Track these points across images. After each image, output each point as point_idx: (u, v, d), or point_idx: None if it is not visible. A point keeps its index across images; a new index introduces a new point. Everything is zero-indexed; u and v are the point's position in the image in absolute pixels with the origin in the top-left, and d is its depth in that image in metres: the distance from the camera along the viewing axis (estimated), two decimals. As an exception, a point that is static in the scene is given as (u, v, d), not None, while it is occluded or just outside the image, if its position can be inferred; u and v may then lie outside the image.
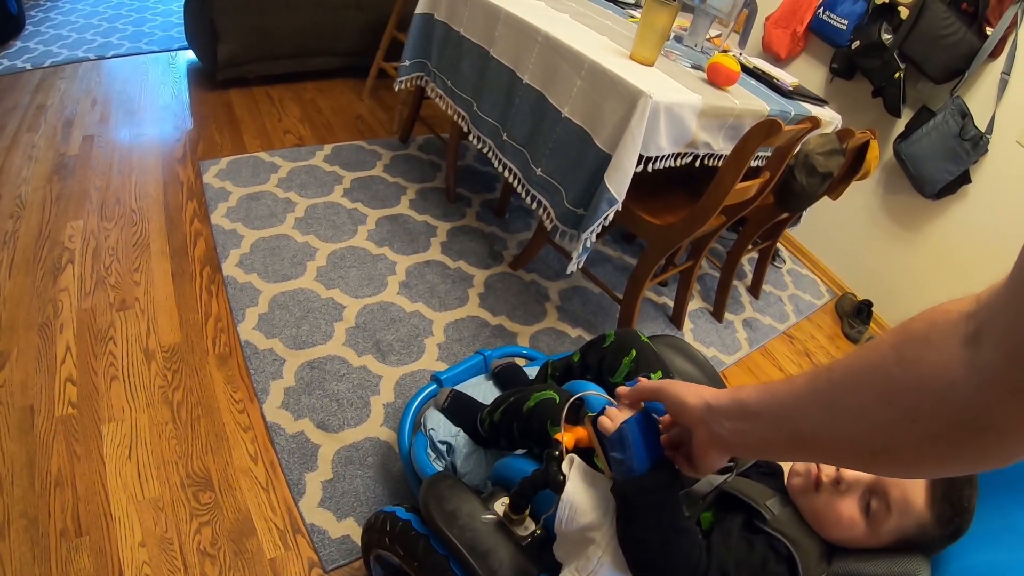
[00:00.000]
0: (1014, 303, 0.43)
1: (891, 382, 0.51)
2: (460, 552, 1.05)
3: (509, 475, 1.17)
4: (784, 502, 0.99)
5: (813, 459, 0.73)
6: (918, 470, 0.58)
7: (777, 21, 3.27)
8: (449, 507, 1.10)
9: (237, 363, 1.87)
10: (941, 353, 0.48)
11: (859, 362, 0.56)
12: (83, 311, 1.90)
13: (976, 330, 0.46)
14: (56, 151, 2.58)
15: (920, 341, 0.50)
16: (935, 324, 0.50)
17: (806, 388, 0.61)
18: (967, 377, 0.45)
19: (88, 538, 1.40)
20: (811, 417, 0.59)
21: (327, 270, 2.27)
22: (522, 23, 2.00)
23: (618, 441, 0.86)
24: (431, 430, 1.41)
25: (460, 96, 2.34)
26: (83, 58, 3.35)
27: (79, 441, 1.58)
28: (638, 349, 1.32)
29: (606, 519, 0.92)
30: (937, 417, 0.48)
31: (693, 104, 1.82)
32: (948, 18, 2.53)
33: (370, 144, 3.09)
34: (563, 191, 1.96)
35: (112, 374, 1.75)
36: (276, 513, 1.54)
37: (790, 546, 0.91)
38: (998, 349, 0.43)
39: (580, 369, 1.40)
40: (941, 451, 0.50)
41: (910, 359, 0.50)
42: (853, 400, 0.55)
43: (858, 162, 2.35)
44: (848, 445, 0.57)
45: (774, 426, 0.64)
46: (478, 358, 1.68)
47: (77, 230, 2.19)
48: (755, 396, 0.67)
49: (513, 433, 1.26)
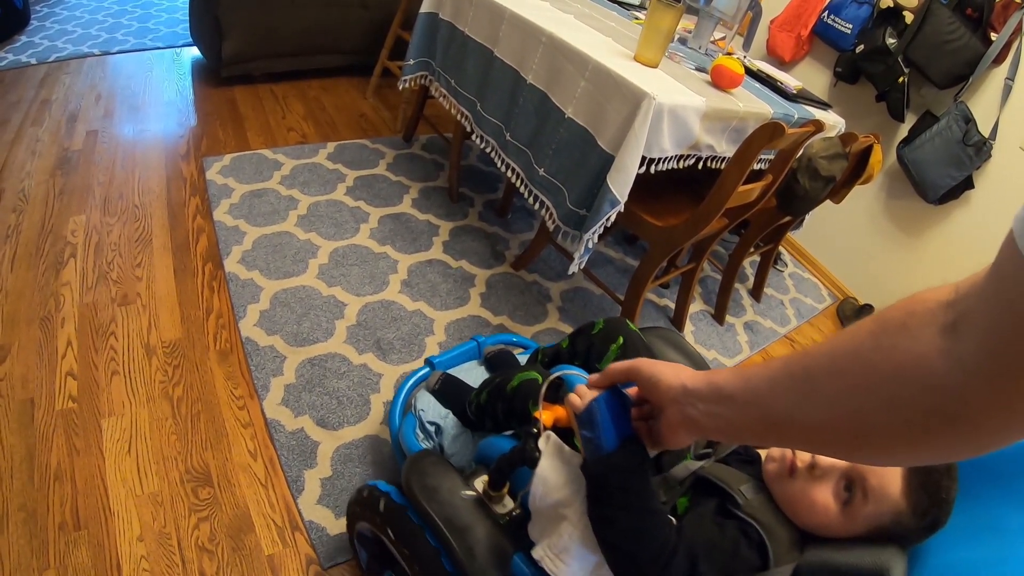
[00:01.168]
0: (995, 293, 0.43)
1: (867, 369, 0.51)
2: (438, 527, 1.06)
3: (491, 454, 1.18)
4: (759, 488, 0.99)
5: (786, 444, 0.73)
6: (892, 457, 0.59)
7: (782, 24, 3.26)
8: (430, 482, 1.11)
9: (238, 359, 1.87)
10: (918, 341, 0.48)
11: (836, 348, 0.55)
12: (85, 306, 1.91)
13: (955, 319, 0.46)
14: (60, 146, 2.58)
15: (898, 329, 0.50)
16: (913, 312, 0.49)
17: (781, 373, 0.60)
18: (944, 366, 0.45)
19: (87, 532, 1.40)
20: (785, 402, 0.59)
21: (329, 268, 2.27)
22: (526, 23, 2.00)
23: (587, 419, 0.85)
24: (420, 411, 1.43)
25: (464, 96, 2.34)
26: (88, 53, 3.36)
27: (79, 435, 1.58)
28: (626, 337, 1.33)
29: (578, 496, 0.91)
30: (913, 405, 0.48)
31: (696, 106, 1.81)
32: (952, 23, 2.53)
33: (373, 143, 3.09)
34: (566, 192, 1.96)
35: (113, 369, 1.76)
36: (275, 510, 1.54)
37: (761, 531, 0.90)
38: (977, 339, 0.43)
39: (569, 355, 1.41)
40: (916, 439, 0.49)
41: (887, 346, 0.50)
42: (828, 386, 0.55)
43: (861, 166, 2.35)
44: (822, 431, 0.56)
45: (748, 410, 0.64)
46: (472, 344, 1.69)
47: (80, 225, 2.19)
48: (730, 379, 0.66)
49: (497, 414, 1.27)
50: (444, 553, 1.09)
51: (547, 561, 0.91)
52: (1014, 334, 0.41)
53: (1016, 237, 0.40)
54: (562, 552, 0.91)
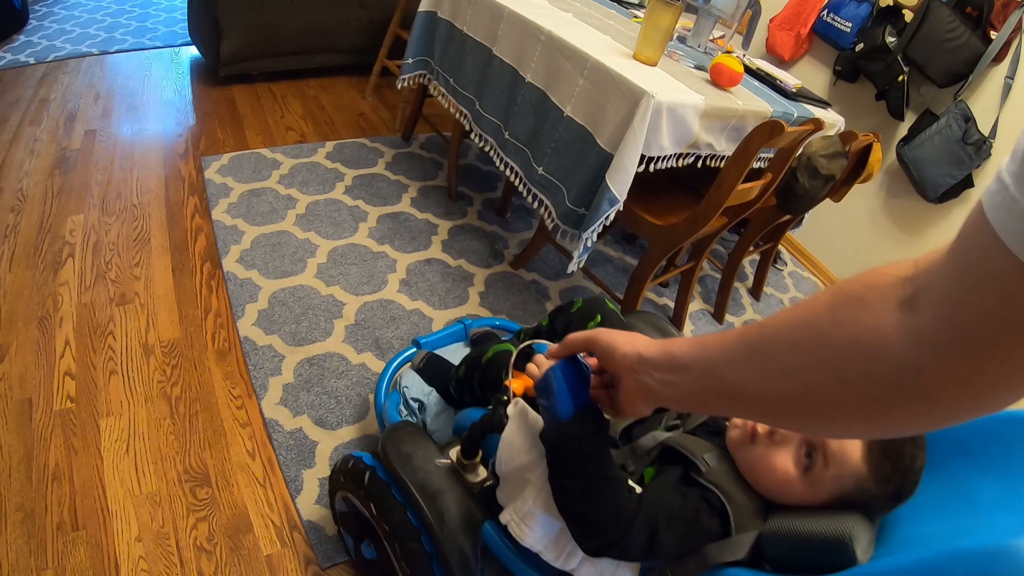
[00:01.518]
0: (955, 270, 0.43)
1: (823, 341, 0.51)
2: (410, 491, 1.07)
3: (465, 425, 1.20)
4: (722, 457, 0.99)
5: (742, 415, 0.72)
6: (848, 431, 0.59)
7: (781, 23, 3.26)
8: (405, 449, 1.13)
9: (236, 359, 1.87)
10: (875, 315, 0.47)
11: (792, 320, 0.55)
12: (83, 305, 1.90)
13: (913, 294, 0.46)
14: (58, 145, 2.58)
15: (855, 302, 0.49)
16: (872, 286, 0.49)
17: (737, 343, 0.60)
18: (901, 340, 0.45)
19: (85, 532, 1.40)
20: (741, 372, 0.59)
21: (327, 267, 2.27)
22: (525, 22, 2.00)
23: (543, 387, 0.86)
24: (405, 387, 1.45)
25: (462, 94, 2.34)
26: (86, 53, 3.36)
27: (77, 435, 1.58)
28: (604, 315, 1.35)
29: (541, 462, 0.92)
30: (868, 379, 0.48)
31: (696, 104, 1.81)
32: (952, 22, 2.52)
33: (372, 142, 3.09)
34: (564, 190, 1.95)
35: (111, 368, 1.75)
36: (273, 510, 1.54)
37: (722, 498, 0.90)
38: (934, 314, 0.43)
39: (548, 334, 1.43)
40: (870, 412, 0.49)
41: (844, 319, 0.50)
42: (784, 357, 0.54)
43: (861, 165, 2.35)
44: (777, 402, 0.56)
45: (703, 380, 0.64)
46: (459, 326, 1.72)
47: (78, 224, 2.19)
48: (686, 349, 0.66)
49: (474, 385, 1.29)
50: (425, 532, 1.10)
51: (513, 525, 0.94)
52: (973, 310, 0.40)
53: (986, 209, 0.39)
54: (527, 516, 0.93)
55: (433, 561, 1.10)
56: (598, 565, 0.96)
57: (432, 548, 1.10)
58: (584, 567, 0.96)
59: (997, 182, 0.39)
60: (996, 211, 0.38)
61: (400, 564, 1.14)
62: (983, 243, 0.39)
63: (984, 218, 0.39)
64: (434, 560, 1.10)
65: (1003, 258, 0.38)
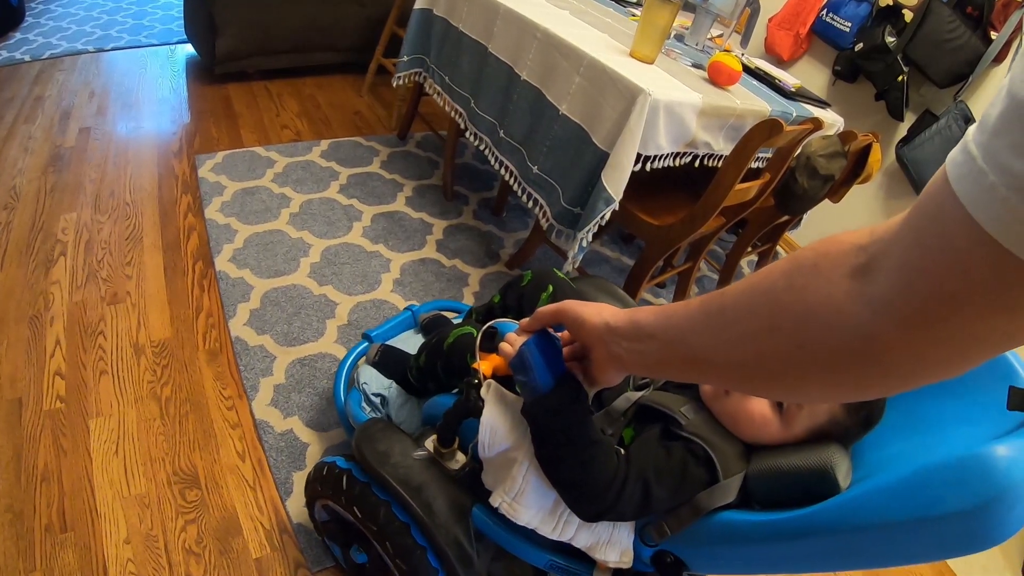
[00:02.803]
0: (913, 238, 0.42)
1: (779, 308, 0.52)
2: (395, 489, 1.08)
3: (437, 413, 1.19)
4: (699, 408, 1.00)
5: (706, 380, 0.75)
6: (804, 395, 0.61)
7: (780, 22, 3.24)
8: (381, 447, 1.13)
9: (227, 359, 1.85)
10: (829, 282, 0.48)
11: (750, 288, 0.56)
12: (74, 304, 1.89)
13: (867, 262, 0.46)
14: (52, 143, 2.57)
15: (810, 269, 0.50)
16: (826, 253, 0.50)
17: (699, 312, 0.61)
18: (853, 307, 0.46)
19: (73, 534, 1.39)
20: (703, 340, 0.60)
21: (321, 266, 2.25)
22: (521, 19, 1.98)
23: (519, 363, 0.87)
24: (364, 384, 1.44)
25: (458, 93, 2.32)
26: (82, 50, 3.34)
27: (66, 436, 1.57)
28: (555, 285, 1.37)
29: (526, 439, 0.93)
30: (822, 345, 0.48)
31: (693, 103, 1.79)
32: (953, 22, 2.51)
33: (368, 140, 3.07)
34: (560, 190, 1.94)
35: (101, 368, 1.74)
36: (263, 512, 1.52)
37: (707, 447, 0.92)
38: (888, 283, 0.44)
39: (501, 310, 1.45)
40: (825, 378, 0.50)
41: (799, 286, 0.50)
42: (742, 324, 0.56)
43: (860, 165, 2.33)
44: (738, 368, 0.58)
45: (668, 348, 0.65)
46: (407, 314, 1.73)
47: (70, 222, 2.17)
48: (652, 318, 0.68)
49: (438, 373, 1.29)
50: (414, 525, 1.10)
51: (505, 506, 0.94)
52: (928, 280, 0.41)
53: (952, 180, 0.39)
54: (519, 495, 0.93)
55: (428, 553, 1.10)
56: (595, 530, 0.98)
57: (425, 540, 1.10)
58: (581, 534, 0.97)
59: (964, 153, 0.38)
60: (962, 182, 0.38)
61: (394, 562, 1.14)
62: (944, 214, 0.39)
63: (948, 189, 0.39)
64: (428, 552, 1.10)
65: (965, 230, 0.37)
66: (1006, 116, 0.35)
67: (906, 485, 0.70)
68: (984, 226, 0.36)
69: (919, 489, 0.68)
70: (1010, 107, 0.35)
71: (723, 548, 0.91)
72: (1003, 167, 0.35)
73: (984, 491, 0.63)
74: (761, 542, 0.86)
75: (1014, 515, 0.63)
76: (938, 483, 0.67)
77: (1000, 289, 0.37)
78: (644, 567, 1.02)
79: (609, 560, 0.98)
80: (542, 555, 1.08)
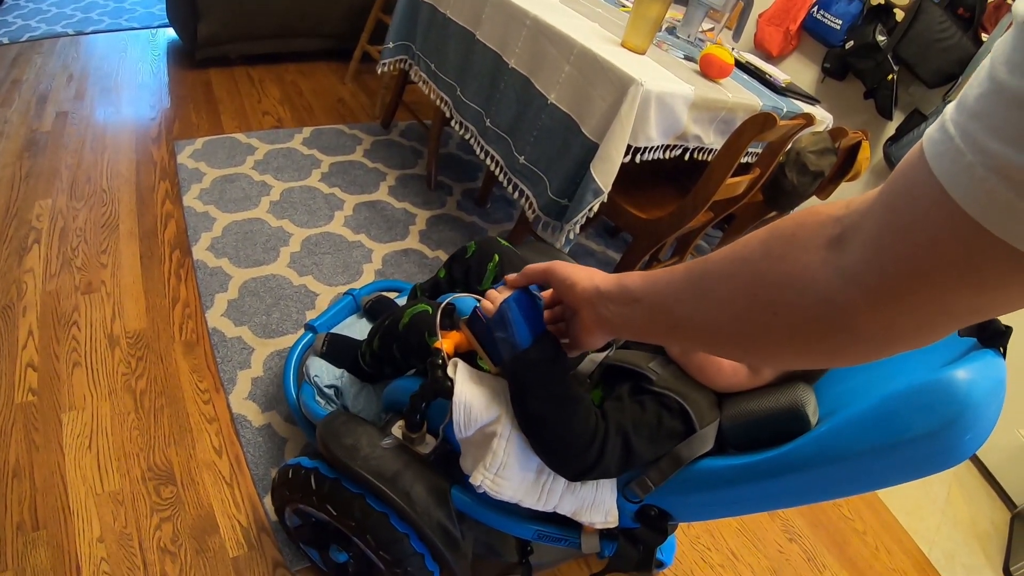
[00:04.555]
0: (886, 212, 0.44)
1: (757, 275, 0.54)
2: (369, 482, 1.06)
3: (399, 397, 1.19)
4: (667, 362, 1.02)
5: (687, 344, 0.78)
6: (778, 360, 0.66)
7: (770, 18, 3.23)
8: (348, 441, 1.11)
9: (204, 351, 1.80)
10: (805, 251, 0.50)
11: (731, 255, 0.58)
12: (47, 293, 1.83)
13: (842, 232, 0.48)
14: (28, 127, 2.50)
15: (787, 239, 0.52)
16: (804, 223, 0.52)
17: (682, 276, 0.64)
18: (827, 276, 0.47)
19: (45, 532, 1.34)
20: (685, 304, 0.63)
21: (301, 256, 2.20)
22: (510, 5, 1.94)
23: (499, 320, 0.88)
24: (315, 377, 1.41)
25: (444, 80, 2.28)
26: (62, 33, 3.27)
27: (38, 430, 1.51)
28: (500, 253, 1.38)
29: (502, 410, 0.94)
30: (796, 312, 0.51)
31: (685, 95, 1.77)
32: (944, 22, 2.51)
33: (351, 128, 3.02)
34: (547, 180, 1.90)
35: (74, 360, 1.68)
36: (240, 510, 1.48)
37: (680, 399, 0.94)
38: (860, 252, 0.45)
39: (447, 285, 1.45)
40: (798, 345, 0.53)
41: (776, 255, 0.53)
42: (722, 290, 0.58)
43: (849, 162, 2.32)
44: (715, 332, 0.60)
45: (653, 311, 0.68)
46: (347, 299, 1.71)
47: (45, 209, 2.11)
48: (639, 282, 0.71)
49: (395, 356, 1.27)
50: (392, 514, 1.09)
51: (488, 483, 0.93)
52: (900, 252, 0.42)
53: (929, 158, 0.40)
54: (501, 469, 0.93)
55: (411, 539, 1.09)
56: (578, 494, 0.99)
57: (406, 527, 1.08)
58: (565, 500, 0.99)
59: (941, 131, 0.39)
60: (939, 160, 0.39)
61: (378, 554, 1.11)
62: (919, 189, 0.40)
63: (923, 165, 0.40)
64: (412, 537, 1.09)
65: (940, 206, 0.39)
66: (985, 98, 0.36)
67: (876, 414, 0.75)
68: (960, 203, 0.37)
69: (888, 416, 0.73)
70: (990, 89, 0.36)
71: (706, 494, 0.94)
72: (981, 147, 0.36)
73: (948, 412, 0.68)
74: (742, 484, 0.90)
75: (974, 432, 0.68)
76: (906, 409, 0.72)
77: (970, 266, 0.39)
78: (630, 524, 1.05)
79: (595, 522, 1.00)
80: (528, 527, 1.10)
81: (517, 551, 1.22)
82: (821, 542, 1.96)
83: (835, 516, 2.07)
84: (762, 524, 1.93)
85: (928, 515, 2.28)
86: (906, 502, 2.25)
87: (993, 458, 2.64)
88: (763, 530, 1.91)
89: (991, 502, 2.55)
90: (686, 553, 1.76)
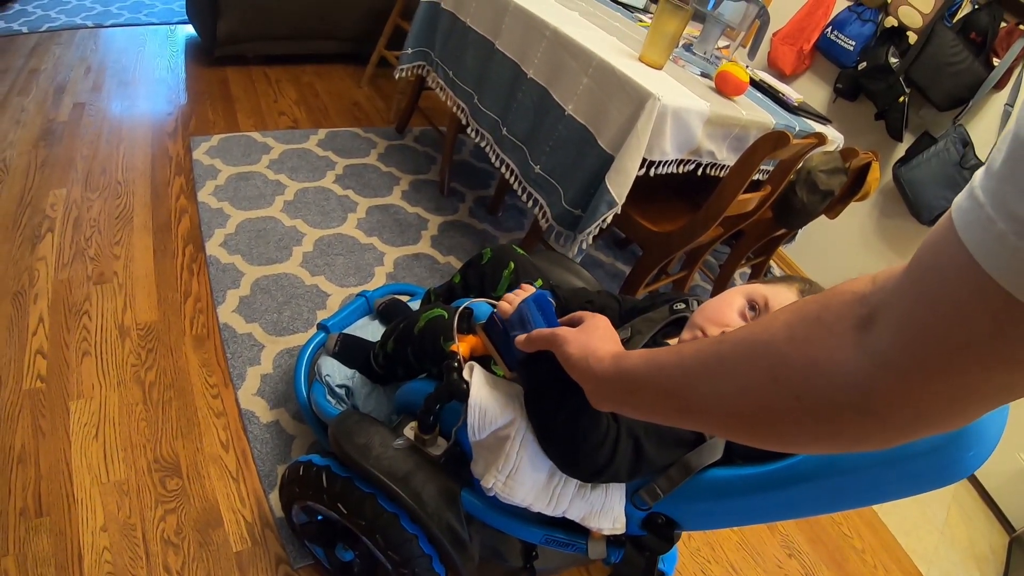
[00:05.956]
0: (915, 289, 0.42)
1: (780, 360, 0.51)
2: (381, 481, 1.07)
3: (412, 399, 1.19)
4: None
5: (699, 428, 0.74)
6: (799, 445, 0.60)
7: (784, 37, 3.24)
8: (360, 440, 1.12)
9: (214, 346, 1.81)
10: (832, 334, 0.47)
11: (750, 337, 0.55)
12: (59, 282, 1.84)
13: (870, 313, 0.45)
14: (45, 117, 2.52)
15: (813, 321, 0.49)
16: (828, 305, 0.49)
17: (693, 360, 0.60)
18: (856, 360, 0.44)
19: (49, 519, 1.34)
20: (697, 390, 0.59)
21: (313, 256, 2.22)
22: (531, 16, 1.96)
23: (518, 321, 0.89)
24: (327, 376, 1.42)
25: (461, 88, 2.30)
26: (81, 25, 3.30)
27: (45, 417, 1.52)
28: (516, 261, 1.37)
29: (516, 414, 0.94)
30: (822, 397, 0.47)
31: (700, 110, 1.78)
32: (956, 46, 2.52)
33: (366, 132, 3.04)
34: (561, 190, 1.91)
35: (84, 349, 1.69)
36: (245, 505, 1.49)
37: None
38: (891, 335, 0.42)
39: (462, 290, 1.45)
40: (822, 431, 0.49)
41: (801, 338, 0.50)
42: (740, 375, 0.54)
43: (859, 182, 2.33)
44: (732, 418, 0.57)
45: (659, 398, 0.65)
46: (360, 300, 1.72)
47: (60, 198, 2.13)
48: (640, 367, 0.68)
49: (408, 358, 1.27)
50: (403, 515, 1.09)
51: (499, 487, 0.94)
52: (931, 331, 0.40)
53: (959, 228, 0.37)
54: (513, 472, 0.94)
55: (420, 540, 1.10)
56: (588, 499, 0.99)
57: (416, 528, 1.09)
58: (575, 505, 0.99)
59: (970, 199, 0.37)
60: (969, 230, 0.37)
61: (386, 553, 1.12)
62: (948, 262, 0.38)
63: (952, 236, 0.38)
64: (421, 539, 1.10)
65: (970, 279, 0.36)
66: (1013, 159, 0.34)
67: None
68: (992, 275, 0.35)
69: None
70: (1017, 149, 0.34)
71: (714, 503, 0.95)
72: (1012, 214, 0.34)
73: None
74: (750, 494, 0.90)
75: (977, 450, 0.69)
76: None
77: (1003, 340, 0.36)
78: (636, 531, 1.05)
79: (603, 528, 1.00)
80: (537, 531, 1.10)
81: (522, 556, 1.23)
82: (820, 559, 1.96)
83: (835, 534, 2.07)
84: (762, 539, 1.94)
85: (926, 536, 2.28)
86: (905, 522, 2.25)
87: (993, 481, 2.64)
88: (763, 545, 1.92)
89: (990, 525, 2.56)
90: (686, 564, 1.77)
